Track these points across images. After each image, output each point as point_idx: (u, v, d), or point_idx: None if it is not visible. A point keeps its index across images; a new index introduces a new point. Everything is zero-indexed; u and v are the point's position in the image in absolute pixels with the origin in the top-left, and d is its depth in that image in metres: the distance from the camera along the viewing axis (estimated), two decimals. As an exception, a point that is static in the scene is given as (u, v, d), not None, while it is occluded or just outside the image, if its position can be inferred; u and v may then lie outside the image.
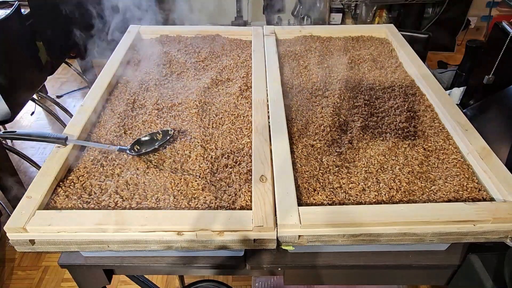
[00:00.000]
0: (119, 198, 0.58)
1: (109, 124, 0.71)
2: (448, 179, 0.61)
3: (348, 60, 0.92)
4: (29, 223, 0.52)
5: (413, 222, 0.53)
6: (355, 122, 0.73)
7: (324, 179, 0.61)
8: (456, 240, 0.56)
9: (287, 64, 0.92)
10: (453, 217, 0.53)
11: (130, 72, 0.88)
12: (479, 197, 0.58)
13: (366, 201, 0.57)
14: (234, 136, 0.70)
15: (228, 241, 0.54)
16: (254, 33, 1.03)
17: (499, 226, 0.54)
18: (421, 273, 0.67)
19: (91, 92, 0.77)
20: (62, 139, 0.63)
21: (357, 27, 1.11)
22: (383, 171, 0.62)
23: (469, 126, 0.69)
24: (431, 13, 2.51)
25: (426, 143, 0.68)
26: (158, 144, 0.65)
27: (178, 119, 0.74)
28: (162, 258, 0.64)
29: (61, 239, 0.54)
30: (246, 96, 0.80)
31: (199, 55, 0.95)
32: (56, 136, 0.63)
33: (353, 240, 0.55)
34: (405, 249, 0.64)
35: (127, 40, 0.97)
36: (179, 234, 0.53)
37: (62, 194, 0.58)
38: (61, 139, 0.63)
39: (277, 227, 0.53)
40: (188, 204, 0.57)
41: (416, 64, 0.87)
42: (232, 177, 0.61)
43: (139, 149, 0.65)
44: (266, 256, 0.64)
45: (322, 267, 0.63)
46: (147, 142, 0.66)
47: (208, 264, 0.64)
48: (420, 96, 0.80)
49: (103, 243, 0.54)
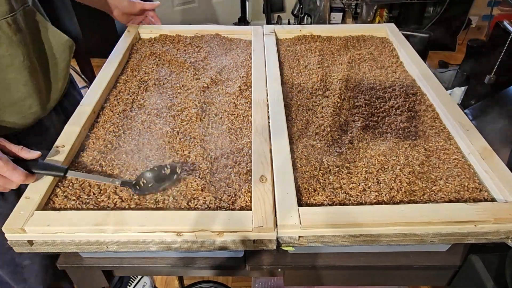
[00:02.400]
0: (118, 198, 0.57)
1: (108, 124, 0.71)
2: (449, 180, 0.61)
3: (349, 59, 0.92)
4: (27, 224, 0.52)
5: (413, 223, 0.53)
6: (355, 122, 0.73)
7: (324, 179, 0.61)
8: (457, 240, 0.55)
9: (287, 64, 0.91)
10: (454, 217, 0.53)
11: (129, 71, 0.87)
12: (480, 198, 0.58)
13: (367, 201, 0.57)
14: (233, 136, 0.70)
15: (227, 241, 0.53)
16: (254, 32, 1.02)
17: (501, 227, 0.54)
18: (422, 274, 0.66)
19: (89, 92, 0.77)
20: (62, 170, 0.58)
21: (358, 26, 1.10)
22: (384, 171, 0.62)
23: (470, 126, 0.68)
24: (432, 12, 2.51)
25: (427, 143, 0.68)
26: (164, 186, 0.58)
27: (177, 119, 0.73)
28: (161, 258, 0.64)
29: (59, 240, 0.54)
30: (246, 96, 0.80)
31: (198, 54, 0.95)
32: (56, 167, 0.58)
33: (353, 240, 0.54)
34: (405, 249, 0.63)
35: (126, 39, 0.97)
36: (179, 235, 0.53)
37: (60, 195, 0.58)
38: (61, 170, 0.58)
39: (277, 228, 0.53)
40: (188, 205, 0.57)
41: (417, 64, 0.87)
42: (231, 178, 0.61)
43: (145, 183, 0.58)
44: (266, 256, 0.64)
45: (322, 267, 0.63)
46: (153, 176, 0.59)
47: (208, 265, 0.63)
48: (421, 96, 0.80)
49: (102, 243, 0.54)
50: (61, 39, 0.75)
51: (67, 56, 0.77)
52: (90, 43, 2.15)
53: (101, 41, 2.07)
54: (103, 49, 1.12)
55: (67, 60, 0.78)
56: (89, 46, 2.09)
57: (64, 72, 0.78)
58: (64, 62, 0.77)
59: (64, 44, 0.76)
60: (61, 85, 0.78)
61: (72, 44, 0.78)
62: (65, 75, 0.79)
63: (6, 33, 0.63)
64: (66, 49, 0.77)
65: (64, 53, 0.76)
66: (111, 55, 0.90)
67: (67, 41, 0.76)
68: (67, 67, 0.79)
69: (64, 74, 0.78)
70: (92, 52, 2.18)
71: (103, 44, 1.57)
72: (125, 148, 0.67)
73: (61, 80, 0.78)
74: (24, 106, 0.70)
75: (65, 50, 0.76)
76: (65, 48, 0.76)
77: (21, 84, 0.67)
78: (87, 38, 2.02)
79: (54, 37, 0.74)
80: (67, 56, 0.78)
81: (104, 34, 2.13)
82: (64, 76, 0.79)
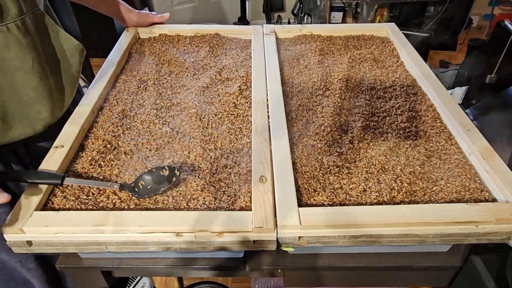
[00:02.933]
0: (117, 199, 0.57)
1: (107, 124, 0.71)
2: (450, 180, 0.60)
3: (349, 59, 0.92)
4: (26, 224, 0.52)
5: (414, 223, 0.53)
6: (356, 122, 0.72)
7: (324, 179, 0.60)
8: (458, 241, 0.55)
9: (287, 64, 0.91)
10: (455, 218, 0.53)
11: (129, 71, 0.87)
12: (482, 198, 0.58)
13: (367, 202, 0.57)
14: (233, 136, 0.69)
15: (227, 242, 0.53)
16: (254, 32, 1.02)
17: (502, 227, 0.53)
18: (423, 275, 0.66)
19: (89, 92, 0.76)
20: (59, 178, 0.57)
21: (358, 26, 1.10)
22: (384, 171, 0.62)
23: (471, 126, 0.68)
24: (432, 11, 2.50)
25: (428, 143, 0.68)
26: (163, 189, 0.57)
27: (177, 119, 0.73)
28: (160, 259, 0.63)
29: (58, 240, 0.53)
30: (246, 95, 0.79)
31: (198, 54, 0.94)
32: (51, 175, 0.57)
33: (354, 241, 0.54)
34: (406, 250, 0.63)
35: (126, 39, 0.96)
36: (178, 235, 0.52)
37: (59, 195, 0.58)
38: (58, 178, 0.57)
39: (277, 228, 0.53)
40: (187, 205, 0.56)
41: (417, 64, 0.87)
42: (231, 178, 0.61)
43: (144, 185, 0.58)
44: (266, 257, 0.63)
45: (323, 268, 0.63)
46: (152, 178, 0.59)
47: (207, 265, 0.63)
48: (422, 96, 0.80)
49: (101, 244, 0.54)
50: (71, 44, 0.74)
51: (77, 61, 0.76)
52: (90, 42, 2.15)
53: (100, 41, 2.07)
54: (102, 49, 1.12)
55: (77, 65, 0.76)
56: (89, 45, 2.08)
57: (74, 77, 0.77)
58: (75, 67, 0.76)
59: (74, 49, 0.74)
60: (71, 91, 0.76)
61: (83, 49, 0.76)
62: (75, 80, 0.77)
63: (15, 36, 0.62)
64: (76, 53, 0.75)
65: (74, 58, 0.75)
66: (111, 54, 0.89)
67: (77, 46, 0.75)
68: (78, 73, 0.77)
69: (74, 80, 0.77)
70: (92, 51, 2.17)
71: (103, 43, 1.57)
72: (124, 148, 0.66)
73: (71, 86, 0.76)
74: (33, 112, 0.68)
75: (75, 54, 0.75)
76: (75, 53, 0.75)
77: (30, 88, 0.66)
78: (87, 37, 2.01)
79: (65, 41, 0.73)
80: (78, 61, 0.76)
81: (104, 34, 2.13)
82: (74, 81, 0.77)
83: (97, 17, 0.95)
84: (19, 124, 0.67)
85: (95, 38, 2.22)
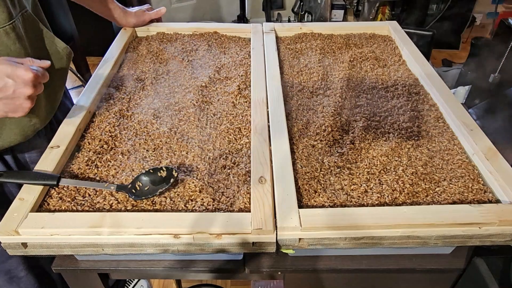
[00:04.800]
0: (114, 200, 0.56)
1: (104, 124, 0.70)
2: (453, 181, 0.59)
3: (350, 58, 0.91)
4: (21, 226, 0.51)
5: (416, 225, 0.52)
6: (357, 122, 0.71)
7: (325, 180, 0.59)
8: (461, 243, 0.54)
9: (287, 62, 0.90)
10: (458, 219, 0.52)
11: (126, 70, 0.86)
12: (485, 199, 0.57)
13: (369, 203, 0.56)
14: (232, 136, 0.68)
15: (226, 244, 0.52)
16: (253, 30, 1.01)
17: (505, 229, 0.52)
18: (425, 277, 0.65)
19: (85, 91, 0.75)
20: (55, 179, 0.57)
21: (359, 24, 1.09)
22: (386, 172, 0.61)
23: (474, 126, 0.67)
24: (435, 9, 2.49)
25: (430, 143, 0.67)
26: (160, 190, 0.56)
27: (174, 118, 0.72)
28: (158, 261, 0.63)
29: (54, 242, 0.53)
30: (245, 95, 0.78)
31: (196, 53, 0.93)
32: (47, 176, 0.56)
33: (355, 243, 0.53)
34: (408, 252, 0.62)
35: (123, 37, 0.95)
36: (176, 237, 0.51)
37: (55, 196, 0.57)
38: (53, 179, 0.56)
39: (276, 230, 0.52)
40: (185, 206, 0.55)
41: (420, 62, 0.86)
42: (230, 179, 0.60)
43: (141, 186, 0.57)
44: (265, 259, 0.63)
45: (323, 271, 0.62)
46: (149, 179, 0.58)
47: (206, 268, 0.62)
48: (424, 95, 0.79)
49: (97, 246, 0.53)
50: (59, 47, 0.72)
51: (64, 65, 0.74)
52: (86, 41, 2.15)
53: (97, 40, 2.06)
54: (99, 48, 1.11)
55: (64, 69, 0.74)
56: (85, 44, 2.08)
57: (61, 81, 0.75)
58: (63, 71, 0.74)
59: (62, 52, 0.72)
60: (59, 95, 0.75)
61: (70, 52, 0.74)
62: (62, 84, 0.75)
63: (4, 44, 0.60)
64: (64, 57, 0.73)
65: (61, 62, 0.73)
66: (107, 53, 0.89)
67: (65, 49, 0.73)
68: (65, 76, 0.75)
69: (61, 84, 0.75)
70: (88, 50, 2.17)
71: (99, 42, 1.56)
72: (122, 148, 0.65)
73: (59, 91, 0.75)
74: (24, 119, 0.66)
75: (62, 58, 0.73)
76: (62, 56, 0.73)
77: None
78: (83, 36, 2.01)
79: (53, 45, 0.71)
80: (65, 65, 0.74)
81: (100, 32, 2.12)
82: (61, 86, 0.75)
83: (94, 15, 0.94)
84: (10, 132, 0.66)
85: (92, 36, 2.21)
